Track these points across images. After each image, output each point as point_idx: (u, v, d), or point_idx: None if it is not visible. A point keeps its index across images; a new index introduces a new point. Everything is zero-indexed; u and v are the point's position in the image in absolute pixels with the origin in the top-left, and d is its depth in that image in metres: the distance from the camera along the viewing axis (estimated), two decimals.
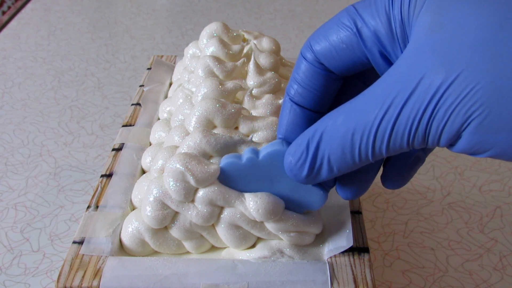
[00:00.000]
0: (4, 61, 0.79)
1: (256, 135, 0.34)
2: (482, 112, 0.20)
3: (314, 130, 0.25)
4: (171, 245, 0.33)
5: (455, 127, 0.21)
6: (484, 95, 0.19)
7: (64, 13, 0.97)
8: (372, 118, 0.22)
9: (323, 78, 0.27)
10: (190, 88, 0.41)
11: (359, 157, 0.24)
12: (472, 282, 0.45)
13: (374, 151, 0.23)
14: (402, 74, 0.22)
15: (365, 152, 0.23)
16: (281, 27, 0.93)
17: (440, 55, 0.20)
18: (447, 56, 0.20)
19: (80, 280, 0.30)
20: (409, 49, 0.22)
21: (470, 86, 0.20)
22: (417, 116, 0.21)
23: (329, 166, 0.25)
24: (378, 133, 0.22)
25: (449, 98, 0.20)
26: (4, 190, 0.54)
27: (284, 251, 0.32)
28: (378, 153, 0.23)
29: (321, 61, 0.26)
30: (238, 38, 0.46)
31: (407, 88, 0.21)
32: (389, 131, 0.22)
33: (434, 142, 0.22)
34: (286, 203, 0.31)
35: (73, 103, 0.69)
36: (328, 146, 0.25)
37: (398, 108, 0.21)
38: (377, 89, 0.23)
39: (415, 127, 0.21)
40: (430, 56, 0.21)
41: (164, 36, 0.89)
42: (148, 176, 0.36)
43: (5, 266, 0.45)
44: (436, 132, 0.21)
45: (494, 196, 0.55)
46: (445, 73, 0.20)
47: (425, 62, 0.21)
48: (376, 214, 0.52)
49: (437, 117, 0.21)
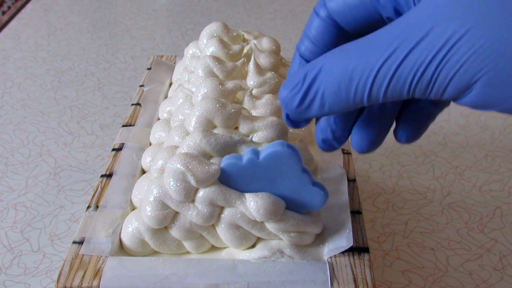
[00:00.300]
0: (4, 61, 0.79)
1: (256, 135, 0.34)
2: (493, 68, 0.19)
3: (314, 62, 0.25)
4: (171, 245, 0.33)
5: (466, 78, 0.20)
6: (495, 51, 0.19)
7: (64, 13, 0.97)
8: (375, 59, 0.22)
9: (334, 35, 0.27)
10: (190, 88, 0.41)
11: (353, 97, 0.23)
12: (472, 282, 0.45)
13: (370, 93, 0.22)
14: (413, 22, 0.21)
15: (361, 92, 0.23)
16: (281, 27, 0.93)
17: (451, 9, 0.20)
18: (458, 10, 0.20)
19: (80, 280, 0.30)
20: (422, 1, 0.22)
21: (481, 41, 0.19)
22: (424, 62, 0.21)
23: (322, 101, 0.24)
24: (380, 72, 0.22)
25: (458, 51, 0.20)
26: (4, 190, 0.54)
27: (284, 251, 0.32)
28: (375, 96, 0.23)
29: (334, 18, 0.26)
30: (238, 38, 0.46)
31: (417, 34, 0.21)
32: (390, 74, 0.22)
33: (439, 92, 0.21)
34: (287, 203, 0.31)
35: (73, 103, 0.69)
36: (324, 79, 0.24)
37: (404, 52, 0.21)
38: (386, 33, 0.22)
39: (420, 73, 0.21)
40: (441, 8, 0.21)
41: (164, 36, 0.89)
42: (148, 176, 0.36)
43: (5, 266, 0.45)
44: (444, 81, 0.21)
45: (494, 196, 0.55)
46: (456, 26, 0.20)
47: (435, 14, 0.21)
48: (376, 214, 0.52)
49: (447, 65, 0.20)
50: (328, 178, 0.37)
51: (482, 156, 0.61)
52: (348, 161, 0.40)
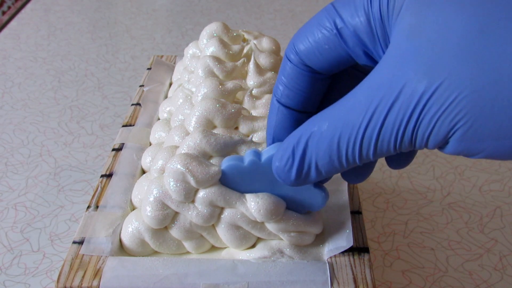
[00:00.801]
0: (4, 61, 0.79)
1: (256, 135, 0.34)
2: (467, 121, 0.20)
3: (299, 135, 0.25)
4: (171, 245, 0.33)
5: (441, 135, 0.21)
6: (468, 104, 0.19)
7: (64, 13, 0.97)
8: (357, 126, 0.22)
9: (308, 79, 0.26)
10: (190, 88, 0.41)
11: (346, 163, 0.24)
12: (472, 282, 0.45)
13: (361, 156, 0.23)
14: (384, 80, 0.21)
15: (352, 157, 0.23)
16: (281, 27, 0.93)
17: (421, 62, 0.20)
18: (428, 63, 0.20)
19: (80, 280, 0.30)
20: (390, 53, 0.22)
21: (453, 95, 0.19)
22: (402, 124, 0.21)
23: (317, 171, 0.25)
24: (364, 140, 0.22)
25: (433, 106, 0.20)
26: (4, 190, 0.54)
27: (284, 251, 0.32)
28: (366, 158, 0.23)
29: (306, 62, 0.26)
30: (238, 38, 0.46)
31: (389, 95, 0.21)
32: (375, 137, 0.22)
33: (422, 147, 0.22)
34: (287, 204, 0.31)
35: (73, 103, 0.69)
36: (314, 153, 0.24)
37: (382, 116, 0.21)
38: (361, 95, 0.22)
39: (401, 134, 0.21)
40: (411, 62, 0.20)
41: (164, 36, 0.89)
42: (148, 176, 0.36)
43: (5, 266, 0.45)
44: (422, 139, 0.21)
45: (494, 196, 0.55)
46: (428, 80, 0.20)
47: (406, 69, 0.20)
48: (376, 214, 0.52)
49: (422, 125, 0.21)
50: None
51: None
52: None
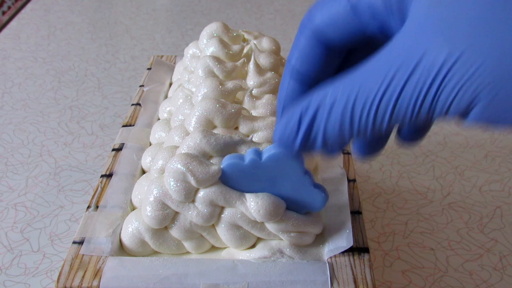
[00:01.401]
0: (4, 61, 0.79)
1: (256, 135, 0.34)
2: (490, 91, 0.19)
3: (308, 102, 0.24)
4: (171, 245, 0.33)
5: (462, 105, 0.20)
6: (490, 74, 0.19)
7: (64, 13, 0.97)
8: (374, 91, 0.22)
9: (321, 53, 0.26)
10: (190, 88, 0.41)
11: (357, 131, 0.23)
12: (472, 282, 0.45)
13: (374, 124, 0.22)
14: (404, 48, 0.21)
15: (364, 125, 0.23)
16: (281, 27, 0.93)
17: (441, 32, 0.20)
18: (449, 33, 0.20)
19: (80, 280, 0.30)
20: (410, 22, 0.21)
21: (475, 65, 0.19)
22: (422, 92, 0.21)
23: (324, 139, 0.24)
24: (381, 105, 0.22)
25: (454, 76, 0.20)
26: (4, 190, 0.54)
27: (284, 251, 0.32)
28: (379, 126, 0.23)
29: (319, 37, 0.26)
30: (238, 38, 0.46)
31: (409, 62, 0.21)
32: (392, 104, 0.21)
33: (440, 116, 0.21)
34: (287, 204, 0.31)
35: (73, 103, 0.69)
36: (324, 119, 0.24)
37: (401, 82, 0.21)
38: (379, 61, 0.22)
39: (420, 102, 0.21)
40: (431, 32, 0.20)
41: (164, 36, 0.89)
42: (148, 176, 0.36)
43: (5, 266, 0.45)
44: (442, 108, 0.21)
45: (494, 196, 0.55)
46: (448, 50, 0.20)
47: (426, 38, 0.20)
48: (376, 214, 0.52)
49: (444, 91, 0.20)
50: (328, 178, 0.37)
51: (482, 156, 0.61)
52: (348, 161, 0.40)
